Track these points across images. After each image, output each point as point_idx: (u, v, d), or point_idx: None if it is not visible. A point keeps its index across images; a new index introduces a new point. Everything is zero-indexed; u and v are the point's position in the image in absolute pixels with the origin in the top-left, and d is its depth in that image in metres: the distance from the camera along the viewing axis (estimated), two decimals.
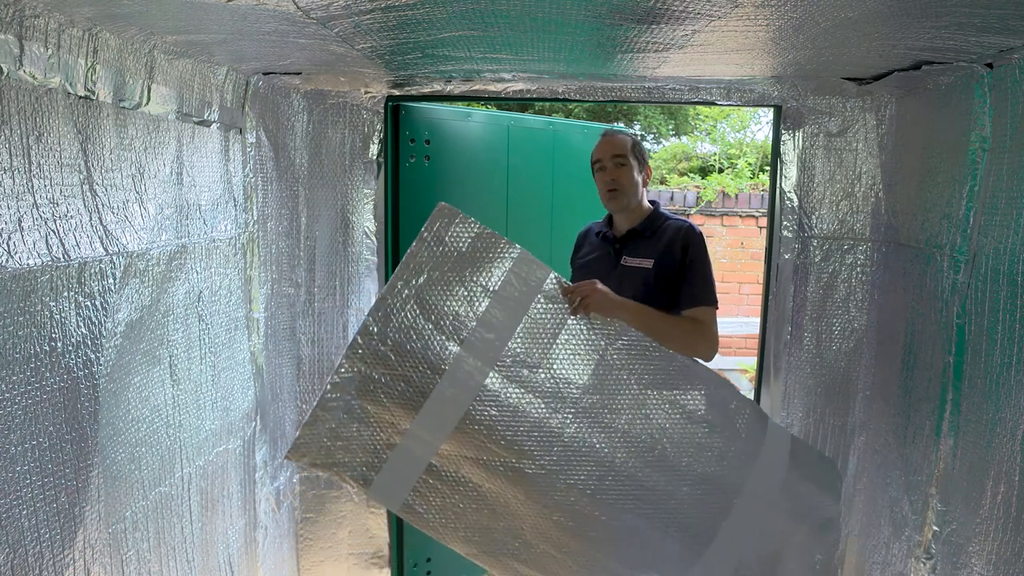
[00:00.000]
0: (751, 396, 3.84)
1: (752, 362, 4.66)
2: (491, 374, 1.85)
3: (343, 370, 1.87)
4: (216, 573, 2.16)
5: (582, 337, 1.92)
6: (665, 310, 2.12)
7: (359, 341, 1.86)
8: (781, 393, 2.65)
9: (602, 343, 1.93)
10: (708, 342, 2.11)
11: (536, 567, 2.06)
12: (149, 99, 1.73)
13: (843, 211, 2.54)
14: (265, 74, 2.32)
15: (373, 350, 1.85)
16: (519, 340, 1.88)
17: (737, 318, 5.34)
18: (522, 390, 1.86)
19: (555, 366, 1.90)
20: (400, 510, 2.00)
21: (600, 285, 1.96)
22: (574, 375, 1.91)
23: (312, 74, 2.39)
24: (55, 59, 1.39)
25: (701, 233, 2.24)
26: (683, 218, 2.31)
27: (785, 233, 2.59)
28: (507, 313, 1.88)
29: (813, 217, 2.56)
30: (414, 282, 1.86)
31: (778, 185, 2.60)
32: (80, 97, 1.48)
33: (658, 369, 1.94)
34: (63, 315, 1.42)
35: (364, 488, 1.98)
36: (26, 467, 1.33)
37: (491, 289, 1.88)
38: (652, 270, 2.18)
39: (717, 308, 2.18)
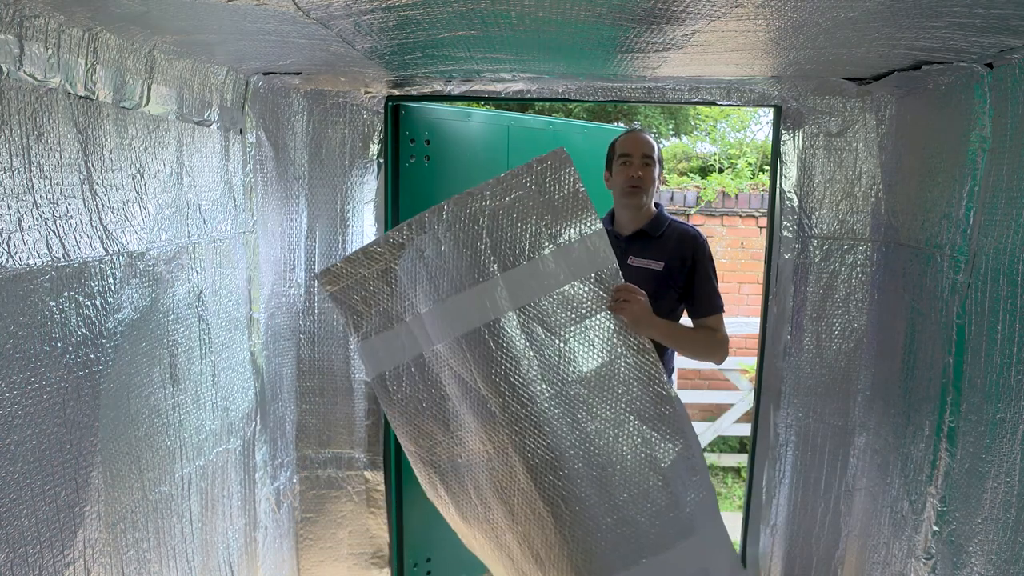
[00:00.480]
0: (751, 396, 3.84)
1: (752, 362, 4.65)
2: (511, 314, 1.89)
3: (402, 233, 2.00)
4: (216, 573, 2.16)
5: (605, 333, 1.94)
6: (667, 310, 2.20)
7: (426, 218, 1.97)
8: (781, 393, 2.65)
9: (619, 349, 1.94)
10: (724, 347, 2.24)
11: (453, 500, 2.13)
12: (149, 99, 1.73)
13: (843, 211, 2.54)
14: (265, 74, 2.32)
15: (433, 233, 1.96)
16: (552, 300, 1.91)
17: (737, 318, 5.33)
18: (527, 344, 1.90)
19: (568, 343, 1.92)
20: (374, 379, 2.12)
21: (646, 299, 1.97)
22: (578, 360, 1.92)
23: (312, 74, 2.39)
24: (55, 59, 1.39)
25: (706, 240, 2.29)
26: (688, 223, 2.34)
27: (785, 233, 2.59)
28: (557, 271, 1.92)
29: (813, 217, 2.56)
30: (499, 199, 1.92)
31: (778, 185, 2.60)
32: (80, 97, 1.48)
33: (652, 404, 1.94)
34: (63, 315, 1.42)
35: (359, 341, 2.12)
36: (26, 467, 1.33)
37: (557, 243, 1.92)
38: (661, 273, 2.22)
39: (723, 311, 2.27)
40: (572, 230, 1.92)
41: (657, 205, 2.37)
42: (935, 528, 1.97)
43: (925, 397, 2.06)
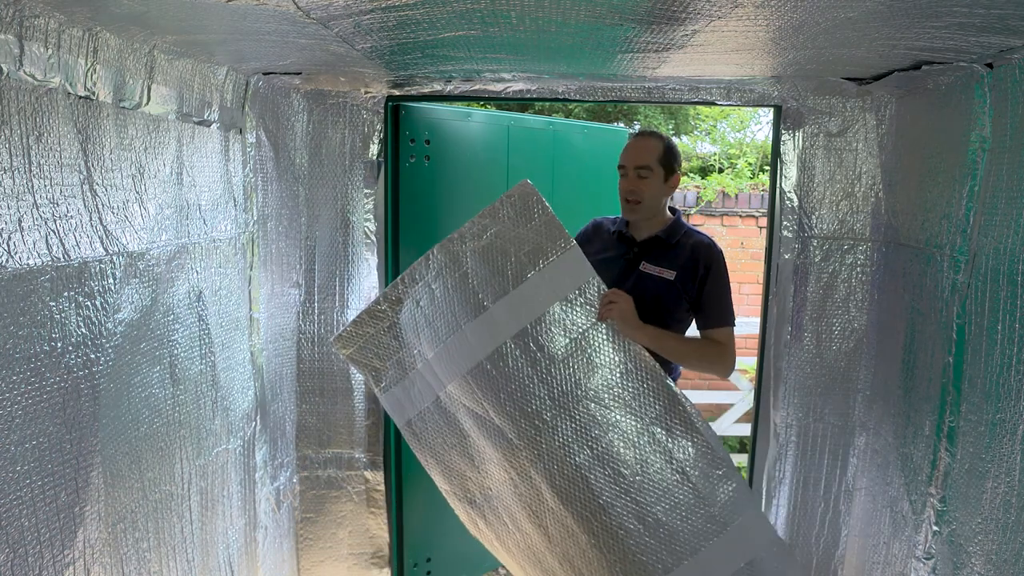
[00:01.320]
0: (751, 396, 3.84)
1: (752, 362, 4.65)
2: (508, 342, 1.96)
3: (397, 289, 2.11)
4: (216, 573, 2.16)
5: (600, 345, 1.97)
6: (676, 321, 2.18)
7: (416, 270, 2.09)
8: (781, 393, 2.65)
9: (617, 359, 1.96)
10: (725, 362, 2.18)
11: (493, 531, 2.19)
12: (149, 99, 1.73)
13: (843, 211, 2.54)
14: (265, 74, 2.32)
15: (424, 281, 2.07)
16: (544, 323, 1.97)
17: (737, 318, 5.34)
18: (530, 368, 1.95)
19: (567, 361, 1.96)
20: (403, 426, 2.22)
21: (631, 303, 1.98)
22: (580, 376, 1.95)
23: (312, 74, 2.39)
24: (55, 59, 1.39)
25: (721, 250, 2.21)
26: (705, 233, 2.27)
27: (785, 233, 2.59)
28: (543, 294, 1.98)
29: (813, 217, 2.56)
30: (477, 239, 2.02)
31: (778, 185, 2.60)
32: (80, 97, 1.48)
33: (660, 405, 1.95)
34: (63, 315, 1.42)
35: (381, 393, 2.24)
36: (26, 467, 1.33)
37: (538, 268, 1.99)
38: (673, 283, 2.16)
39: (735, 325, 2.21)
40: (550, 254, 1.99)
41: (674, 211, 2.28)
42: (935, 528, 1.97)
43: (925, 397, 2.06)
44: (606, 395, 1.95)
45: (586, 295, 1.98)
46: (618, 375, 1.96)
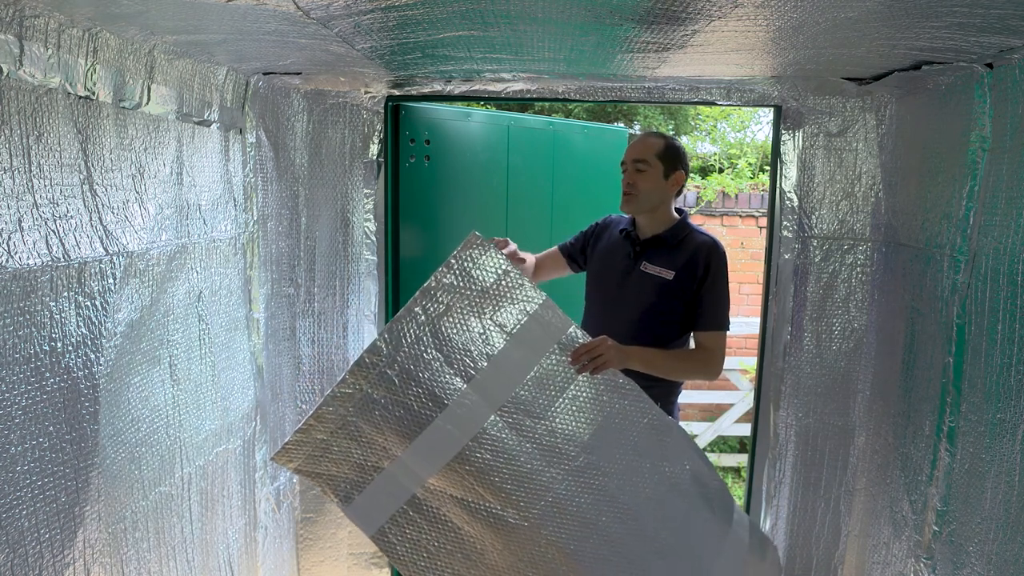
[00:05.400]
0: (751, 396, 3.84)
1: (752, 362, 4.65)
2: (492, 417, 1.80)
3: (346, 385, 1.83)
4: (216, 573, 2.16)
5: (589, 395, 1.87)
6: (674, 321, 2.18)
7: (366, 360, 1.81)
8: (781, 393, 2.65)
9: (607, 406, 1.87)
10: (714, 368, 2.20)
11: None
12: (149, 99, 1.73)
13: (843, 211, 2.54)
14: (265, 74, 2.32)
15: (379, 372, 1.81)
16: (527, 388, 1.82)
17: (737, 318, 5.31)
18: (520, 438, 1.80)
19: (557, 420, 1.84)
20: (374, 536, 1.95)
21: (611, 341, 1.90)
22: (574, 432, 1.84)
23: (312, 74, 2.39)
24: (55, 59, 1.39)
25: (724, 252, 2.19)
26: (709, 233, 2.25)
27: (785, 233, 2.59)
28: (520, 358, 1.82)
29: (813, 217, 2.56)
30: (432, 310, 1.80)
31: (778, 185, 2.60)
32: (80, 97, 1.48)
33: (655, 440, 1.90)
34: (63, 315, 1.42)
35: (343, 505, 1.94)
36: (26, 467, 1.33)
37: (508, 331, 1.82)
38: (671, 283, 2.15)
39: (728, 330, 2.20)
40: (517, 312, 1.82)
41: (681, 211, 2.29)
42: (935, 528, 1.97)
43: (925, 397, 2.06)
44: (603, 446, 1.84)
45: (567, 348, 1.85)
46: (611, 423, 1.86)
